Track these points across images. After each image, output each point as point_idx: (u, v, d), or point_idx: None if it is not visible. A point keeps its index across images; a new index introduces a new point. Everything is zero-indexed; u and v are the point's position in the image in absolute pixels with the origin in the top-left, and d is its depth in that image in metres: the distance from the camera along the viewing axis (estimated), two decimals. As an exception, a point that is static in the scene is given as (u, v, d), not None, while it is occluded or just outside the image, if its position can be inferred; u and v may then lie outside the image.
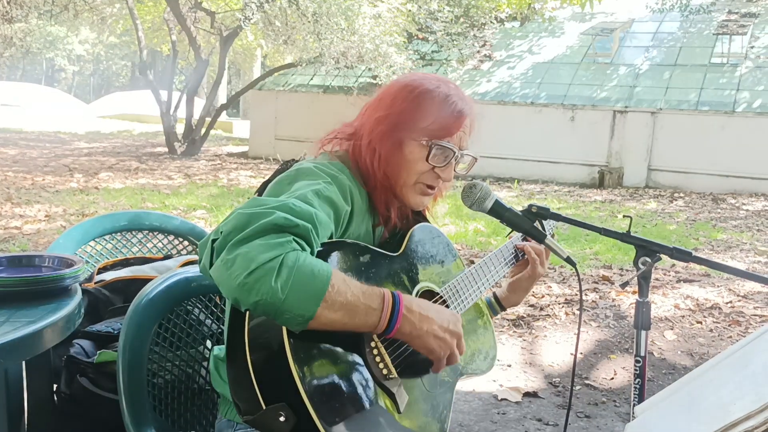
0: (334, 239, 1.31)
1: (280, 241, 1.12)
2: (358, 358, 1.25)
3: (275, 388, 1.14)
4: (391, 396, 1.27)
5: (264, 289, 1.08)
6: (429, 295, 1.50)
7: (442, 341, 1.29)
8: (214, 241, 1.16)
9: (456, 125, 1.45)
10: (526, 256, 1.73)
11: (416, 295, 1.45)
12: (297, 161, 1.47)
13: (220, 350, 1.49)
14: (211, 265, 1.15)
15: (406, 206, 1.51)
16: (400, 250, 1.47)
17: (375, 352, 1.27)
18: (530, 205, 1.57)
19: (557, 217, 1.61)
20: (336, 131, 1.53)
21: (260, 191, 1.41)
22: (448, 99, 1.45)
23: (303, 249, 1.16)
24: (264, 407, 1.13)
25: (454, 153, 1.45)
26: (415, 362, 1.36)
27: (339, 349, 1.23)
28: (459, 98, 1.47)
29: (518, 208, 1.58)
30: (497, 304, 1.80)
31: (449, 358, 1.31)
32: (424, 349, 1.29)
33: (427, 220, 1.62)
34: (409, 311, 1.23)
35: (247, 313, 1.18)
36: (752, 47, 12.60)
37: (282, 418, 1.12)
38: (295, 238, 1.15)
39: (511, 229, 1.61)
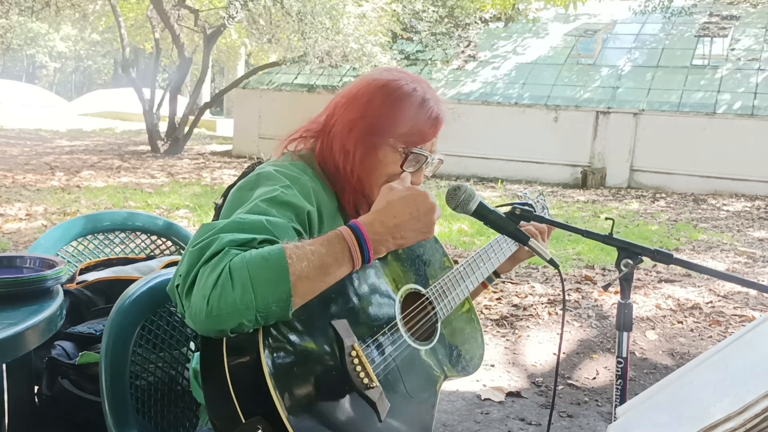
0: None
1: (219, 257, 1.10)
2: (337, 370, 1.22)
3: (253, 403, 1.12)
4: (372, 405, 1.24)
5: (229, 303, 1.07)
6: (415, 296, 1.49)
7: (423, 227, 1.28)
8: (178, 286, 1.14)
9: (433, 132, 1.43)
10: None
11: (402, 298, 1.44)
12: (261, 163, 1.45)
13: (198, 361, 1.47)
14: (185, 311, 1.13)
15: None
16: None
17: (356, 362, 1.24)
18: (514, 207, 1.57)
19: (541, 219, 1.61)
20: (302, 129, 1.48)
21: (225, 195, 1.40)
22: (426, 104, 1.42)
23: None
24: (243, 422, 1.11)
25: (426, 158, 1.44)
26: (397, 369, 1.35)
27: (317, 361, 1.20)
28: (435, 102, 1.44)
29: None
30: (492, 272, 1.78)
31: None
32: (413, 244, 1.31)
33: None
34: (374, 232, 1.22)
35: None
36: (733, 49, 12.74)
37: (259, 431, 1.10)
38: (234, 247, 1.12)
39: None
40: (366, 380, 1.24)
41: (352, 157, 1.39)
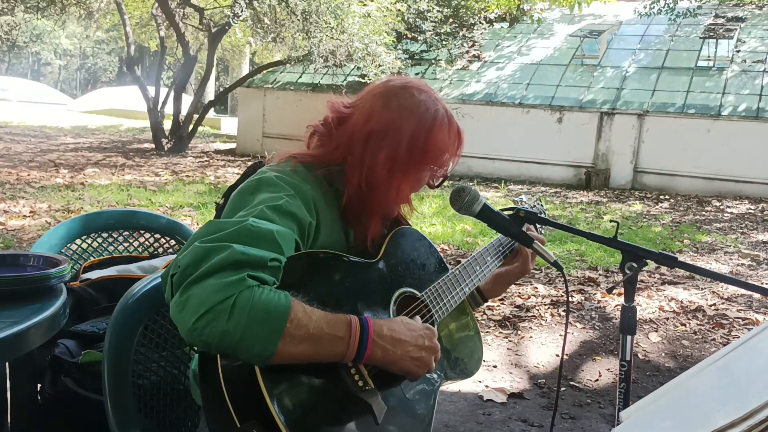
0: (303, 251, 1.28)
1: (232, 279, 1.08)
2: (331, 372, 1.22)
3: (247, 407, 1.12)
4: (368, 407, 1.24)
5: (215, 332, 1.06)
6: (410, 300, 1.47)
7: (418, 361, 1.28)
8: (173, 275, 1.13)
9: (459, 150, 1.47)
10: (516, 250, 1.73)
11: (396, 301, 1.43)
12: (263, 163, 1.44)
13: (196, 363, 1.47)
14: (171, 302, 1.12)
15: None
16: (378, 256, 1.44)
17: (350, 364, 1.24)
18: (518, 210, 1.57)
19: (544, 221, 1.61)
20: (321, 154, 1.42)
21: (226, 196, 1.39)
22: (451, 123, 1.45)
23: (262, 282, 1.12)
24: (238, 426, 1.11)
25: None
26: (393, 371, 1.34)
27: (311, 363, 1.19)
28: (450, 112, 1.46)
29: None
30: (479, 296, 1.77)
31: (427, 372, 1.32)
32: (402, 371, 1.28)
33: (405, 221, 1.60)
34: (380, 336, 1.21)
35: None
36: (738, 51, 12.70)
37: None
38: (251, 273, 1.11)
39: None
40: (361, 383, 1.24)
41: (400, 193, 1.43)
